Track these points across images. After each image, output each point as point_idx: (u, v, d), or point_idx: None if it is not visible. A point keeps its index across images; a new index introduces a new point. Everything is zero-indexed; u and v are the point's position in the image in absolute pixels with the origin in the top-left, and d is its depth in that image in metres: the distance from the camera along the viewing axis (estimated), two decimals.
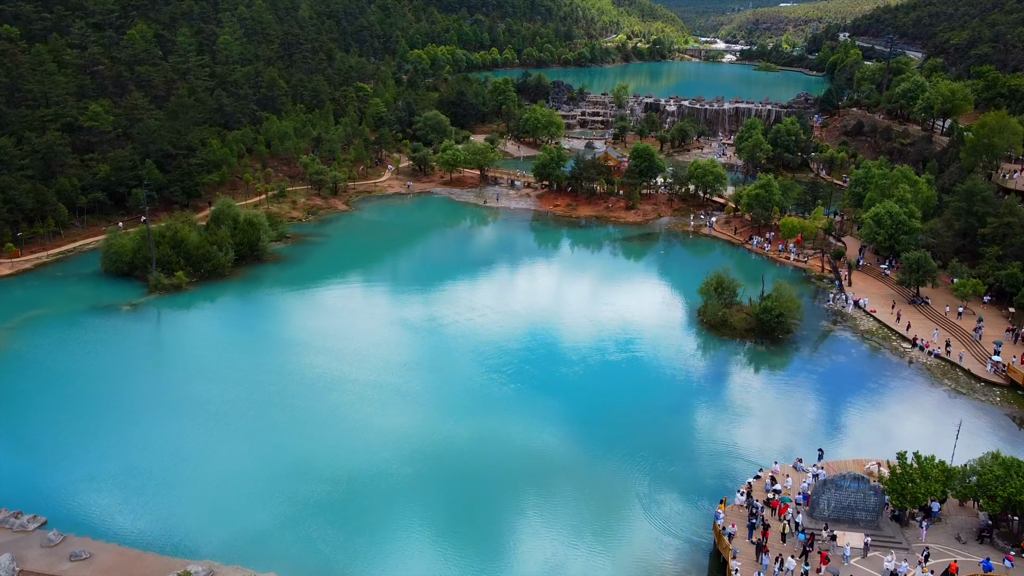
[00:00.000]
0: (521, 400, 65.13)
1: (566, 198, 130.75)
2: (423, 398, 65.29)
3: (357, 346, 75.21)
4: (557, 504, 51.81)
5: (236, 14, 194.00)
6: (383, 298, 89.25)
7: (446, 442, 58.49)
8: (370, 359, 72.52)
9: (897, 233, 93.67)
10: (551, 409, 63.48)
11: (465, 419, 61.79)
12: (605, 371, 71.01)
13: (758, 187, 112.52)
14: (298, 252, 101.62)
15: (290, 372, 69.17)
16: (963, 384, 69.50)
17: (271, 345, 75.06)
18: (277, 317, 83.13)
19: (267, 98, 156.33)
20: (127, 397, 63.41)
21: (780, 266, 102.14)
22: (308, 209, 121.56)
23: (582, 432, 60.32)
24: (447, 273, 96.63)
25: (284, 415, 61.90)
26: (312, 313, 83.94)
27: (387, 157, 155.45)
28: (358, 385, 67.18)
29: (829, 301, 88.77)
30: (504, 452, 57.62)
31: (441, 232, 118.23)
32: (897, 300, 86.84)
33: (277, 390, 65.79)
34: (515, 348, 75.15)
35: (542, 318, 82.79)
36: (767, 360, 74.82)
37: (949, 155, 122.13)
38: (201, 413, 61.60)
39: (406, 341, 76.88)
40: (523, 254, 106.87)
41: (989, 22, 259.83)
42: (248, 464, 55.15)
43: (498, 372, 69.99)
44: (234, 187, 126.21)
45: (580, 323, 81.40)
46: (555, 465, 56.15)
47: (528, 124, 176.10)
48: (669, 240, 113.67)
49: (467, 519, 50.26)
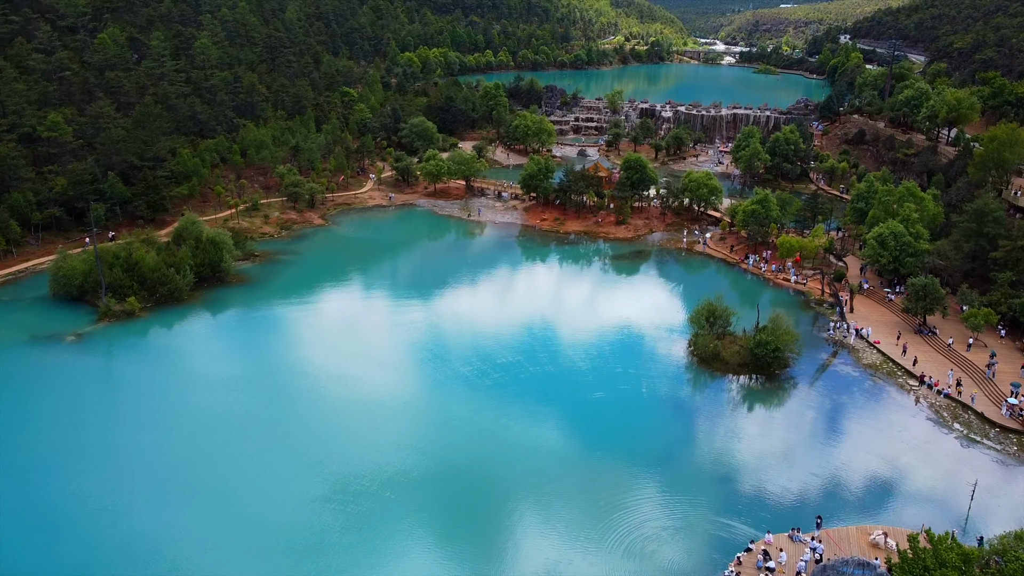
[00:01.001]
0: (482, 448, 59.16)
1: (554, 211, 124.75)
2: (378, 451, 59.33)
3: (316, 382, 69.29)
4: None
5: (218, 16, 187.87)
6: (348, 326, 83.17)
7: (415, 483, 52.60)
8: (330, 398, 66.65)
9: (902, 255, 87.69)
10: (508, 470, 56.79)
11: (430, 464, 55.90)
12: (583, 416, 64.82)
13: (754, 202, 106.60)
14: (265, 272, 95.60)
15: (243, 414, 63.27)
16: (976, 429, 63.49)
17: (224, 381, 69.12)
18: (233, 348, 77.14)
19: (246, 104, 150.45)
20: (53, 449, 57.41)
21: (777, 288, 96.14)
22: (281, 224, 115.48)
23: (546, 502, 53.87)
24: (417, 299, 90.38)
25: (236, 467, 56.00)
26: (272, 343, 77.98)
27: (370, 167, 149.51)
28: (314, 429, 61.25)
29: (829, 330, 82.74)
30: (469, 496, 51.77)
31: (418, 250, 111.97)
32: (902, 330, 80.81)
33: (229, 435, 59.91)
34: (485, 385, 69.16)
35: (515, 350, 76.45)
36: (761, 399, 68.84)
37: (956, 168, 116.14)
38: (139, 467, 55.63)
39: (367, 375, 70.86)
40: (503, 277, 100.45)
41: (993, 25, 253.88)
42: (205, 536, 49.04)
43: (466, 416, 64.02)
44: (205, 200, 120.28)
45: (557, 359, 75.05)
46: (508, 524, 50.20)
47: (518, 131, 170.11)
48: (660, 258, 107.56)
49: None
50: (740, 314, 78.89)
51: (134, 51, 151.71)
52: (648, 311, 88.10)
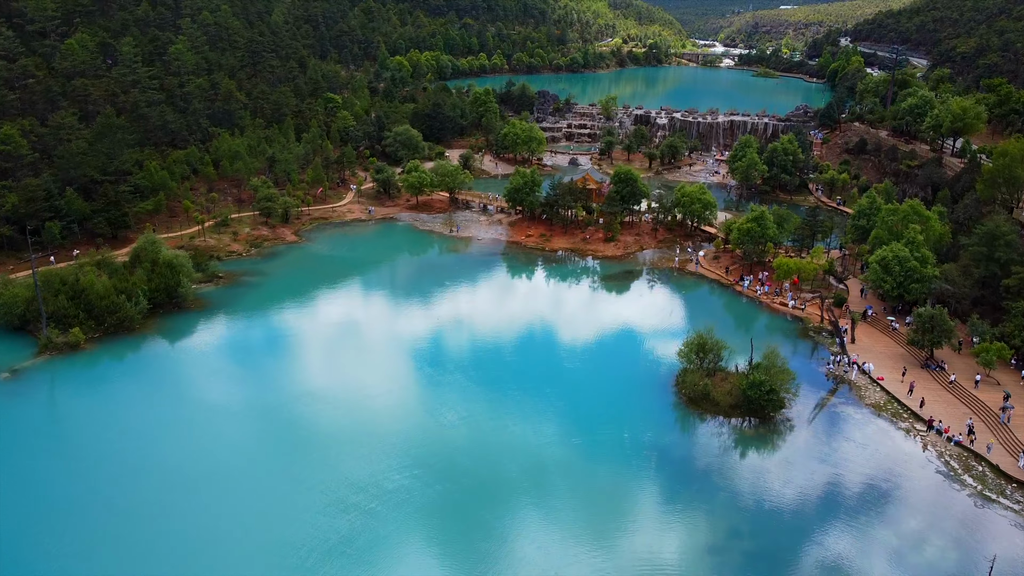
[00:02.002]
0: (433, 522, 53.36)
1: (540, 227, 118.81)
2: (332, 500, 53.48)
3: (274, 417, 63.52)
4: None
5: (199, 20, 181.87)
6: (308, 356, 77.11)
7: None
8: (289, 435, 61.02)
9: (907, 281, 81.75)
10: (465, 540, 51.12)
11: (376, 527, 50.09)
12: (556, 472, 58.77)
13: (750, 220, 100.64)
14: (226, 296, 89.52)
15: (200, 457, 57.77)
16: (991, 485, 57.53)
17: (176, 419, 63.40)
18: (186, 381, 71.15)
19: (223, 112, 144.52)
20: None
21: (773, 314, 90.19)
22: (251, 241, 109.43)
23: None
24: (381, 329, 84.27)
25: (197, 520, 50.64)
26: (228, 375, 72.13)
27: (351, 178, 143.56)
28: (276, 472, 55.67)
29: (829, 364, 76.68)
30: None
31: (393, 271, 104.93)
32: (908, 364, 74.86)
33: (186, 481, 54.44)
34: (445, 440, 63.32)
35: (486, 387, 70.53)
36: (754, 447, 62.90)
37: (963, 183, 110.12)
38: (86, 526, 49.76)
39: (323, 419, 64.90)
40: (479, 303, 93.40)
41: (997, 29, 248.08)
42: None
43: (415, 469, 58.16)
44: (173, 214, 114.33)
45: (530, 400, 68.56)
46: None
47: (507, 139, 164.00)
48: (650, 279, 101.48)
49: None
50: (733, 347, 72.97)
51: (107, 57, 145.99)
52: (634, 341, 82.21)
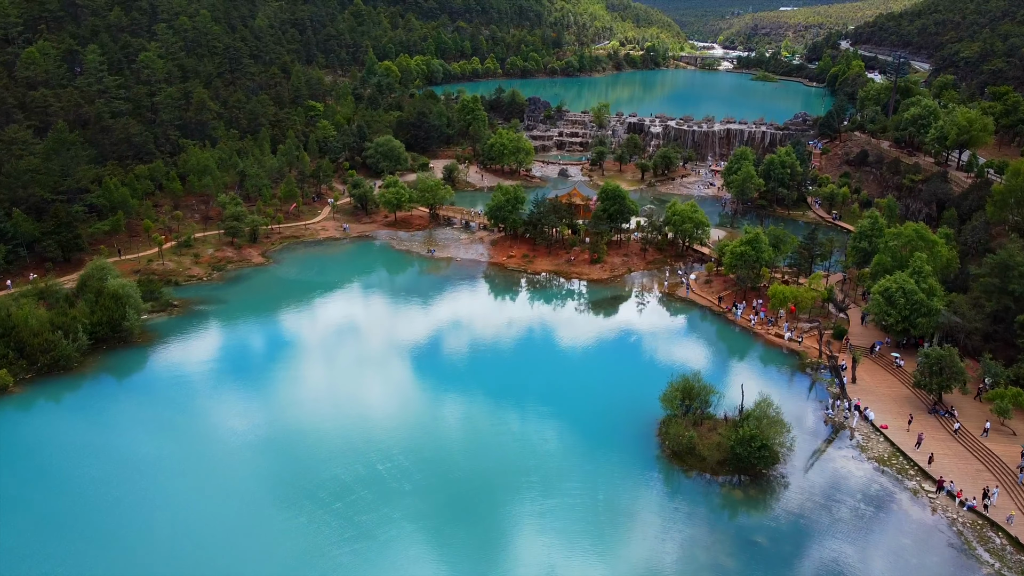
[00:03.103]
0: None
1: (523, 246, 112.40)
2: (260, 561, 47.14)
3: (210, 480, 57.09)
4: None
5: (176, 25, 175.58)
6: (252, 403, 69.44)
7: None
8: (233, 489, 54.64)
9: (913, 315, 75.26)
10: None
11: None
12: (520, 541, 52.53)
13: (743, 243, 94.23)
14: (177, 328, 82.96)
15: (141, 511, 51.42)
16: (1010, 562, 50.97)
17: (110, 473, 57.18)
18: (123, 427, 64.63)
19: (195, 123, 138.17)
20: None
21: (768, 346, 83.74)
22: (215, 263, 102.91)
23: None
24: (340, 365, 77.82)
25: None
26: (170, 419, 65.56)
27: (328, 192, 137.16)
28: (212, 531, 49.19)
29: (827, 408, 70.16)
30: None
31: (360, 298, 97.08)
32: (915, 409, 68.31)
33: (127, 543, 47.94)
34: (402, 491, 56.89)
35: (446, 441, 63.97)
36: (744, 511, 56.40)
37: (971, 202, 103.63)
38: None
39: (266, 472, 58.52)
40: (447, 338, 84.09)
41: (1001, 33, 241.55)
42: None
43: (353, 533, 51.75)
44: (134, 234, 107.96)
45: (497, 450, 62.37)
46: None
47: (494, 150, 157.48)
48: (637, 306, 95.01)
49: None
50: (721, 392, 66.56)
51: (73, 66, 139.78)
52: (616, 379, 75.48)
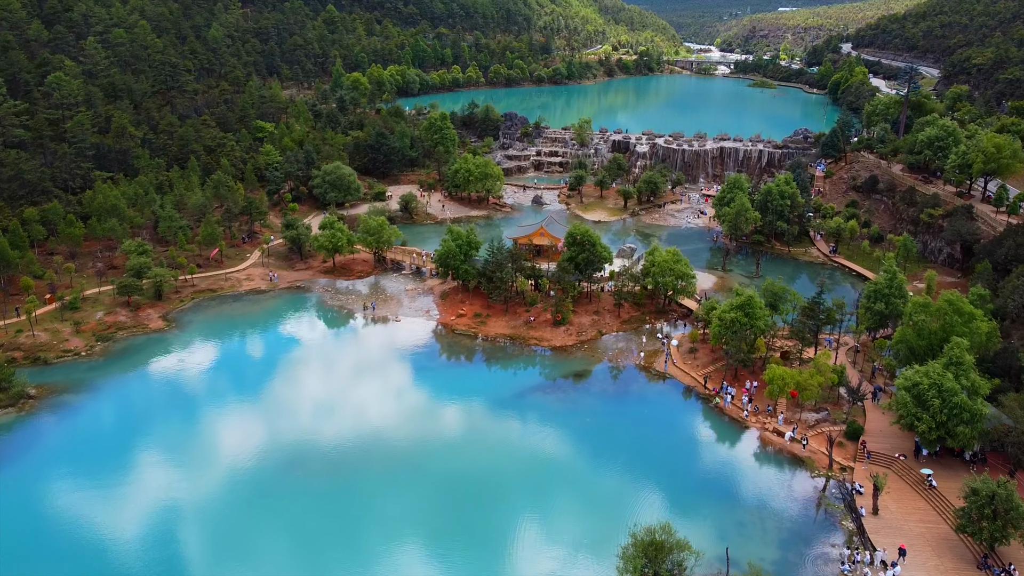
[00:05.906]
0: None
1: (476, 302, 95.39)
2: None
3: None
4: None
5: (108, 39, 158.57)
6: (101, 528, 53.42)
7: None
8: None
9: (952, 421, 58.07)
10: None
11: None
12: None
13: (734, 307, 77.10)
14: (22, 434, 65.76)
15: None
16: None
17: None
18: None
19: (115, 152, 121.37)
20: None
21: (764, 448, 66.66)
22: (101, 331, 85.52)
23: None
24: (211, 492, 60.29)
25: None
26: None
27: (263, 230, 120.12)
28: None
29: (844, 564, 52.47)
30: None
31: (265, 381, 77.14)
32: (959, 562, 51.17)
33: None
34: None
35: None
36: None
37: (1007, 250, 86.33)
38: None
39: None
40: (351, 447, 65.69)
41: (1016, 38, 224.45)
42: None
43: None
44: (14, 292, 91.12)
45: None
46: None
47: (458, 176, 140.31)
48: (603, 387, 77.64)
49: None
50: (702, 548, 49.30)
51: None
52: (562, 520, 57.85)
